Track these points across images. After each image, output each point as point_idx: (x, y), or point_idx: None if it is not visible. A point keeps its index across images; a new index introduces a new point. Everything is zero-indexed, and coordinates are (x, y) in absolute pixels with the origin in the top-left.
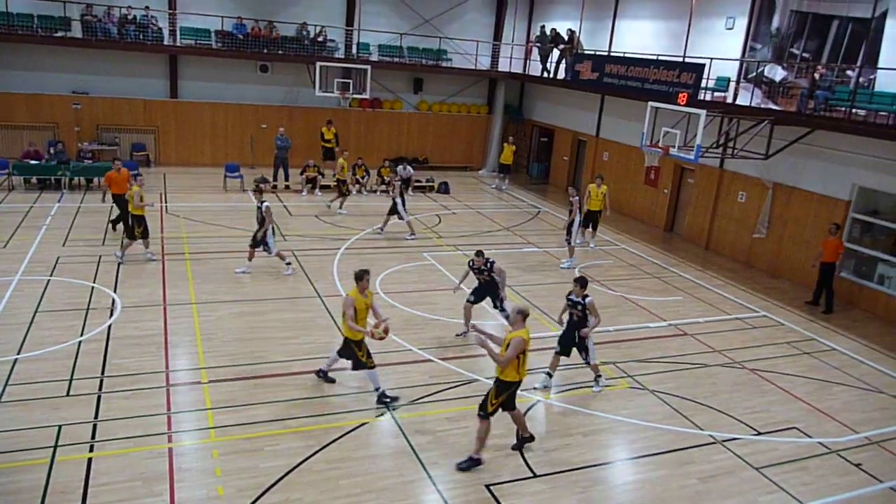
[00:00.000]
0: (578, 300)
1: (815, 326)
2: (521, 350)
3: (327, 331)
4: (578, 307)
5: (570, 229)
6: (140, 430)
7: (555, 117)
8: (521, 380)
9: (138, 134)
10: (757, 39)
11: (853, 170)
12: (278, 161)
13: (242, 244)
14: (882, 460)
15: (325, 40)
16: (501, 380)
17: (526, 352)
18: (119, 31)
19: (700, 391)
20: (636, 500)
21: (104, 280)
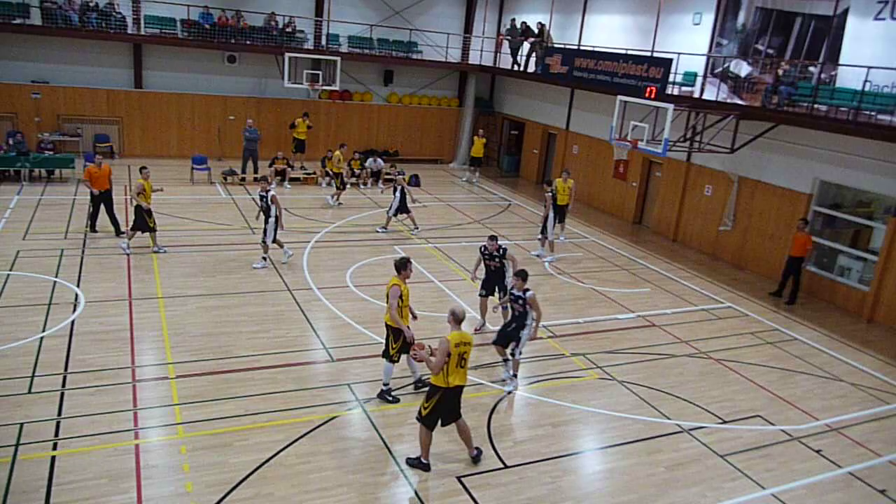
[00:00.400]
0: (520, 294)
1: (778, 317)
2: (446, 353)
3: (297, 324)
4: (520, 301)
5: (544, 225)
6: (105, 427)
7: (525, 110)
8: (449, 387)
9: (101, 125)
10: (723, 35)
11: (815, 164)
12: (247, 153)
13: (210, 237)
14: (841, 446)
15: (294, 31)
16: (430, 383)
17: (452, 355)
18: (80, 19)
19: (667, 381)
20: (605, 489)
21: (67, 274)
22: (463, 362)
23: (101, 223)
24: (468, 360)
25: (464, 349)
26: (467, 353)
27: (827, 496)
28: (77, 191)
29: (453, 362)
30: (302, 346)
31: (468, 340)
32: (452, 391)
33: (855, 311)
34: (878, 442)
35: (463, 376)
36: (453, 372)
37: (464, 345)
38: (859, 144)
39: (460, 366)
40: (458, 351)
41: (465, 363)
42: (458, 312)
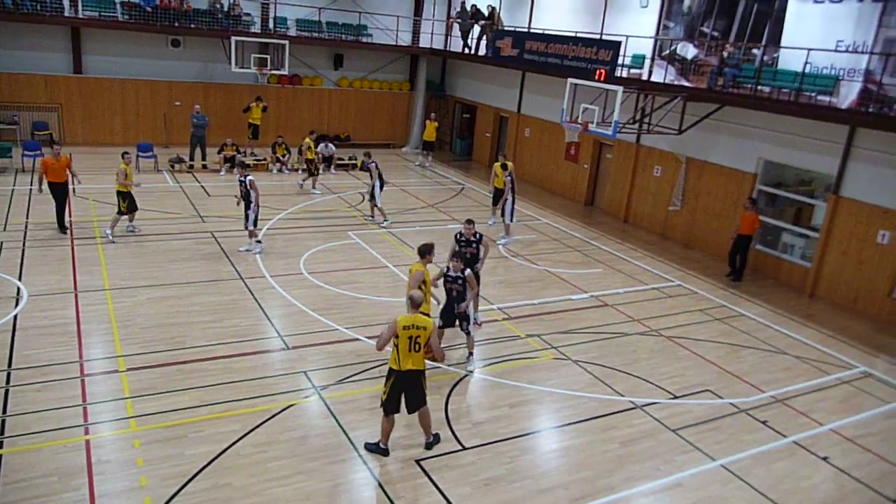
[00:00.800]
0: (458, 275)
1: (725, 294)
2: (392, 332)
3: (251, 313)
4: (458, 281)
5: (503, 209)
6: (54, 424)
7: (477, 94)
8: (401, 370)
9: (40, 112)
10: (670, 18)
11: (759, 144)
12: (195, 140)
13: (158, 226)
14: (786, 417)
15: (240, 14)
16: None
17: (401, 338)
18: (14, 2)
19: (620, 359)
20: (562, 467)
21: (7, 268)
22: (416, 346)
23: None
24: (423, 345)
25: (415, 332)
26: (421, 336)
27: (773, 465)
28: (16, 181)
29: (404, 346)
30: (256, 335)
31: (422, 325)
32: (406, 375)
33: (798, 287)
34: (821, 411)
35: (418, 361)
36: (405, 356)
37: (415, 328)
38: (800, 125)
39: (413, 350)
40: (406, 333)
41: (420, 348)
42: (416, 297)
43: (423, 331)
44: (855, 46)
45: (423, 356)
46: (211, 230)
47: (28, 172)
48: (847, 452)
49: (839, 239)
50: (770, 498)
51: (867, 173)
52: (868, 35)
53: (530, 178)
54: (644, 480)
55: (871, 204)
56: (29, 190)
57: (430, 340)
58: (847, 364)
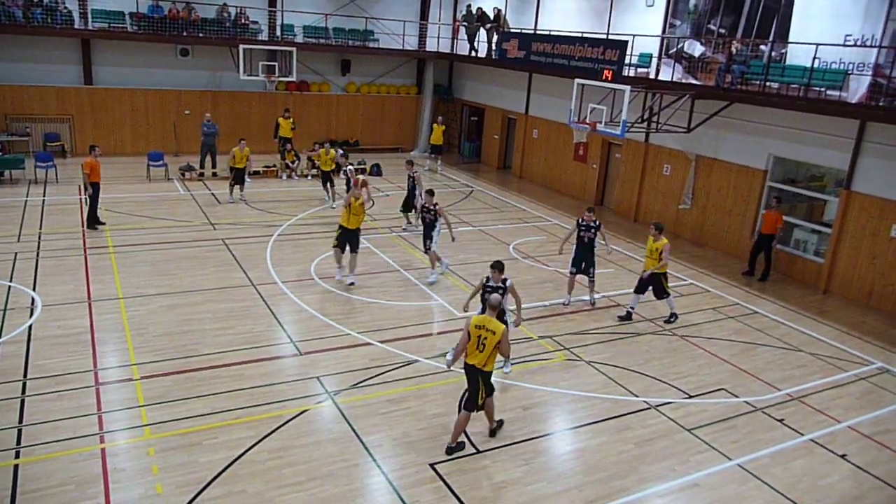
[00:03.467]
0: (499, 285)
1: (738, 292)
2: (466, 331)
3: (263, 319)
4: (499, 291)
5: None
6: (69, 433)
7: (484, 96)
8: (466, 362)
9: (51, 123)
10: (676, 16)
11: (769, 140)
12: (205, 148)
13: (169, 234)
14: (802, 414)
15: (248, 22)
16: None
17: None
18: (25, 15)
19: (634, 359)
20: (577, 468)
21: (21, 278)
22: (482, 346)
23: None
24: (489, 346)
25: (484, 333)
26: (489, 339)
27: (791, 463)
28: (29, 192)
29: (473, 343)
30: (268, 341)
31: (492, 328)
32: (468, 367)
33: (812, 283)
34: (838, 409)
35: (481, 359)
36: (472, 352)
37: (485, 329)
38: (810, 120)
39: (479, 349)
40: (476, 332)
41: (485, 348)
42: (493, 300)
43: (491, 334)
44: (863, 40)
45: (490, 358)
46: (222, 237)
47: (41, 183)
48: (865, 449)
49: (852, 234)
50: (788, 497)
51: (879, 167)
52: (876, 29)
53: (539, 179)
54: (660, 481)
55: (883, 198)
56: (42, 200)
57: (500, 345)
58: (863, 360)
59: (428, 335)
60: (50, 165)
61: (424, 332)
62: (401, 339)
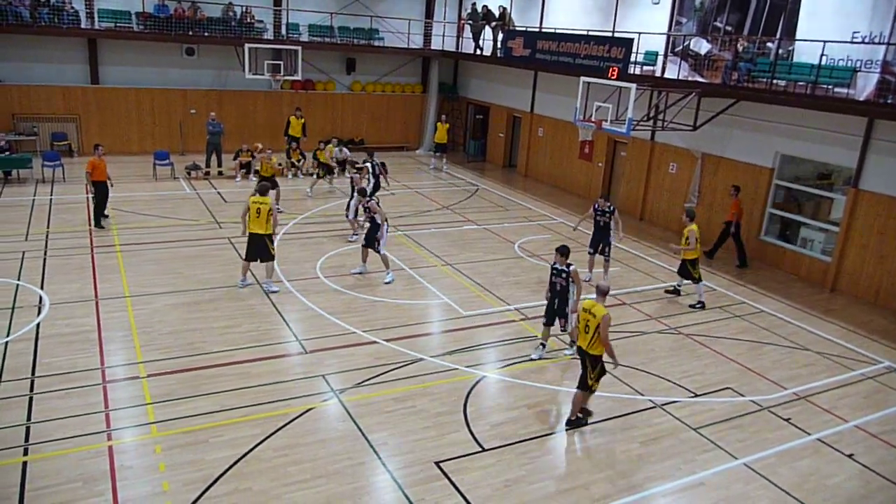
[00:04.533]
0: (563, 268)
1: (744, 290)
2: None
3: (268, 318)
4: (563, 275)
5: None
6: (77, 430)
7: (489, 94)
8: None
9: (58, 123)
10: (682, 13)
11: (776, 138)
12: (210, 147)
13: (175, 233)
14: (809, 414)
15: (253, 21)
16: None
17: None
18: (32, 15)
19: (639, 358)
20: (582, 467)
21: (29, 277)
22: (587, 329)
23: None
24: (592, 330)
25: (587, 317)
26: (590, 322)
27: (797, 463)
28: (36, 191)
29: (581, 325)
30: (274, 340)
31: (595, 312)
32: (578, 350)
33: (818, 282)
34: (845, 408)
35: (586, 341)
36: (581, 334)
37: (589, 314)
38: (818, 118)
39: (584, 331)
40: (583, 317)
41: (589, 331)
42: (601, 287)
43: (592, 318)
44: (871, 37)
45: (595, 341)
46: (228, 236)
47: (48, 183)
48: (872, 449)
49: (859, 232)
50: (795, 496)
51: (887, 165)
52: (884, 26)
53: (544, 178)
54: (665, 480)
55: (891, 196)
56: (49, 200)
57: (600, 329)
58: (870, 359)
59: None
60: (57, 165)
61: (430, 330)
62: (406, 337)
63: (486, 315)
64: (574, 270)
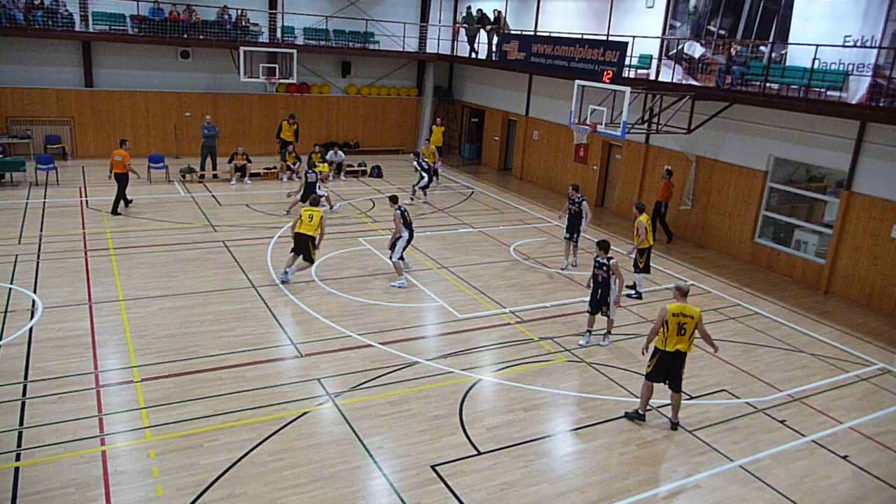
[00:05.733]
0: (603, 262)
1: (739, 293)
2: (662, 319)
3: (264, 321)
4: (604, 268)
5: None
6: (70, 435)
7: (484, 98)
8: (665, 349)
9: (52, 126)
10: (676, 17)
11: (769, 141)
12: (205, 150)
13: (170, 236)
14: (804, 415)
15: (248, 24)
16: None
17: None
18: (25, 18)
19: (635, 361)
20: (578, 470)
21: (22, 280)
22: (683, 331)
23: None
24: (689, 331)
25: (683, 320)
26: (688, 324)
27: (792, 464)
28: (30, 194)
29: (673, 330)
30: (269, 343)
31: (689, 313)
32: (671, 355)
33: (812, 284)
34: (839, 409)
35: (684, 343)
36: (672, 338)
37: (683, 316)
38: (811, 121)
39: (679, 334)
40: (675, 320)
41: (686, 333)
42: (682, 287)
43: (690, 319)
44: (863, 41)
45: (691, 342)
46: (222, 239)
47: (41, 186)
48: (867, 450)
49: (853, 235)
50: (790, 498)
51: (879, 168)
52: (876, 29)
53: (539, 181)
54: (661, 482)
55: (884, 199)
56: (43, 203)
57: (699, 328)
58: (864, 361)
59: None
60: (51, 168)
61: (425, 333)
62: (402, 340)
63: (481, 318)
64: (615, 264)
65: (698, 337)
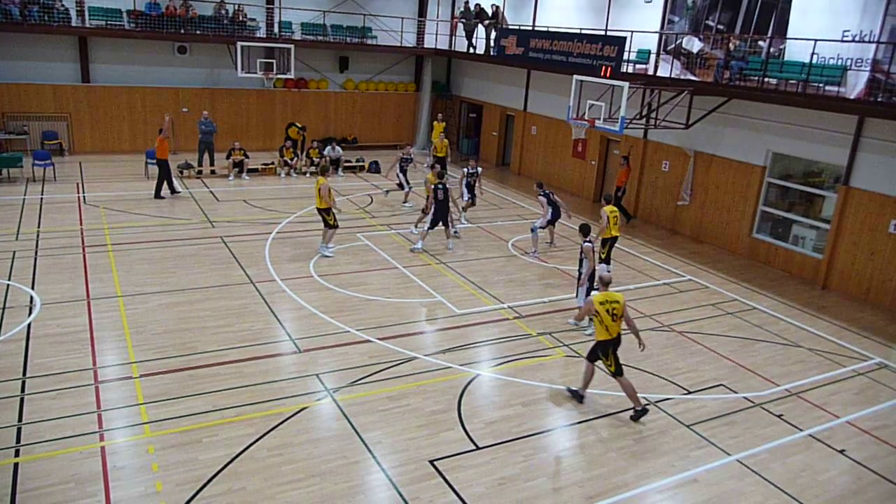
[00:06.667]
0: (581, 244)
1: (736, 288)
2: (589, 310)
3: (262, 317)
4: (580, 252)
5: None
6: (69, 431)
7: (483, 93)
8: (612, 338)
9: (49, 121)
10: (674, 12)
11: (768, 136)
12: (203, 145)
13: (168, 232)
14: (801, 410)
15: (245, 19)
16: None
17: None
18: (21, 13)
19: (632, 355)
20: (577, 465)
21: (20, 277)
22: (615, 317)
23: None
24: (620, 313)
25: (611, 306)
26: (617, 308)
27: (790, 459)
28: (27, 190)
29: (607, 318)
30: (268, 339)
31: (614, 299)
32: (615, 340)
33: (810, 279)
34: (836, 404)
35: (617, 328)
36: (611, 326)
37: (609, 303)
38: (809, 116)
39: (614, 320)
40: (604, 308)
41: (618, 317)
42: (604, 277)
43: (617, 304)
44: (861, 36)
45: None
46: (220, 235)
47: (38, 182)
48: (864, 445)
49: (850, 230)
50: (787, 492)
51: (877, 163)
52: (875, 24)
53: (538, 176)
54: (659, 477)
55: (881, 194)
56: (40, 199)
57: (626, 313)
58: (862, 355)
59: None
60: (48, 164)
61: (424, 329)
62: (400, 335)
63: (479, 313)
64: (587, 247)
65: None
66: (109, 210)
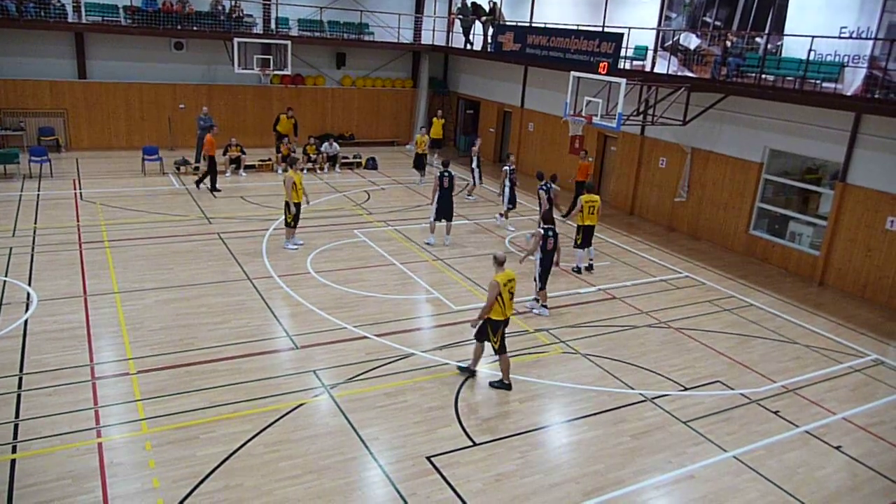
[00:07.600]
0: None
1: (733, 284)
2: (496, 292)
3: (259, 313)
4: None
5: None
6: (66, 427)
7: (480, 89)
8: (504, 318)
9: (45, 117)
10: (672, 8)
11: (765, 133)
12: (201, 142)
13: (165, 229)
14: (797, 406)
15: (242, 15)
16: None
17: (503, 292)
18: (17, 9)
19: (629, 352)
20: (573, 461)
21: (17, 273)
22: (512, 296)
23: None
24: (514, 293)
25: (511, 286)
26: (513, 287)
27: (786, 455)
28: (23, 186)
29: (508, 299)
30: (265, 335)
31: (511, 277)
32: (506, 321)
33: (807, 276)
34: (832, 400)
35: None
36: (509, 306)
37: (510, 282)
38: (806, 113)
39: (512, 300)
40: (507, 288)
41: (513, 295)
42: (499, 256)
43: (513, 282)
44: (859, 32)
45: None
46: (217, 231)
47: (35, 178)
48: (860, 441)
49: (847, 227)
50: (783, 488)
51: (874, 160)
52: (872, 21)
53: (535, 172)
54: (656, 473)
55: (878, 190)
56: (37, 195)
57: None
58: (858, 352)
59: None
60: (44, 160)
61: (421, 325)
62: (397, 332)
63: (476, 310)
64: (536, 231)
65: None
66: (106, 206)
